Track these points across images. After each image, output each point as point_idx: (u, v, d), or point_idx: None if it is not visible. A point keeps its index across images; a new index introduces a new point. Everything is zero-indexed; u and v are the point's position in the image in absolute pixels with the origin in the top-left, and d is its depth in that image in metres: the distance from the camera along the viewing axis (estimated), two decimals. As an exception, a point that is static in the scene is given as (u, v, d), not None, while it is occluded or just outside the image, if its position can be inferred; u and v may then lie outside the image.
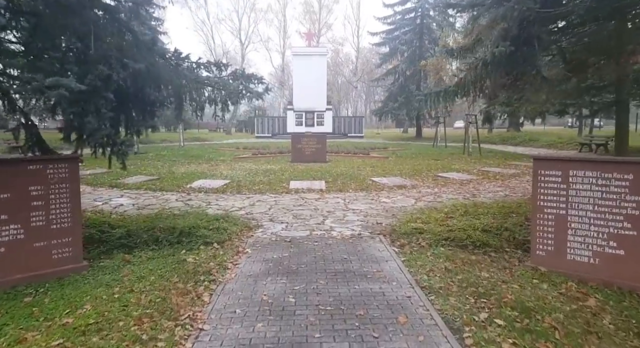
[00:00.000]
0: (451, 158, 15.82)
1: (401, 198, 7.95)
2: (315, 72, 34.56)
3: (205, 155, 17.31)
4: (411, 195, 8.34)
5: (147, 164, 14.03)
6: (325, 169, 12.25)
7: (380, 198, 8.01)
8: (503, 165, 13.36)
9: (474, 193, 8.37)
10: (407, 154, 18.02)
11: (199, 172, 11.74)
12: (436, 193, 8.51)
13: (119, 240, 4.98)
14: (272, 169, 12.50)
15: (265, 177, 10.71)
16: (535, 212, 4.19)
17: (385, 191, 8.78)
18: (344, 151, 17.97)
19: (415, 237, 5.02)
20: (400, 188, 9.07)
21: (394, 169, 12.33)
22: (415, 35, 31.51)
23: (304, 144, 14.68)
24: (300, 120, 35.44)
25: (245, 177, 10.78)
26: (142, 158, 15.85)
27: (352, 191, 8.80)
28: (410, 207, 7.10)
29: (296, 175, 11.08)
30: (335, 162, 14.39)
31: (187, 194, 8.57)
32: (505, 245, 4.78)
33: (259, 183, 9.73)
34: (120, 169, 5.30)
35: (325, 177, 10.71)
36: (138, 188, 9.14)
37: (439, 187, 9.24)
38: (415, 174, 11.24)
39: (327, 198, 8.01)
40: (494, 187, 9.19)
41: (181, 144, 22.57)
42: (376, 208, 7.10)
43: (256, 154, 17.03)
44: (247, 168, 12.74)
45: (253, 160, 15.26)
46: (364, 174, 11.32)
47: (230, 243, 4.96)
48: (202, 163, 14.48)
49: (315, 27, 58.72)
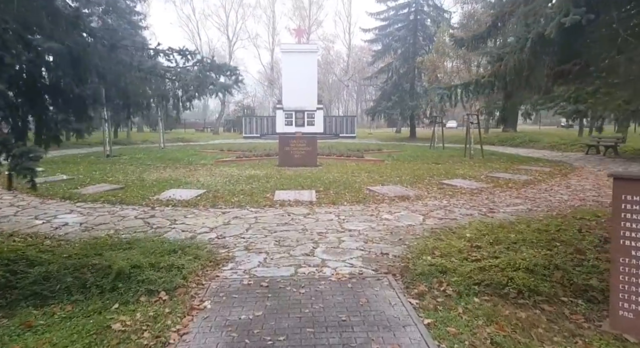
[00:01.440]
0: (452, 161, 14.61)
1: (406, 214, 6.67)
2: (305, 69, 33.24)
3: (185, 158, 15.88)
4: (417, 209, 7.07)
5: (117, 169, 12.58)
6: (316, 175, 10.93)
7: (381, 213, 6.72)
8: (511, 170, 12.16)
9: (491, 208, 7.11)
10: (404, 156, 16.78)
11: (173, 179, 10.34)
12: (446, 206, 7.24)
13: (32, 286, 3.62)
14: (256, 174, 11.15)
15: (248, 185, 9.37)
16: (617, 253, 2.93)
17: (385, 204, 7.50)
18: (336, 153, 16.67)
19: (436, 280, 3.72)
20: (402, 200, 7.80)
21: (392, 175, 11.06)
22: (409, 31, 30.30)
23: (293, 147, 13.34)
24: (290, 120, 34.09)
25: (224, 185, 9.42)
26: (113, 162, 14.38)
27: (347, 204, 7.50)
28: (419, 227, 5.82)
29: (283, 183, 9.75)
30: (326, 167, 13.08)
31: (151, 209, 7.19)
32: (561, 292, 3.51)
33: (239, 193, 8.39)
34: (75, 178, 3.93)
35: (315, 185, 9.40)
36: (95, 201, 7.72)
37: (447, 198, 7.98)
38: (416, 181, 9.98)
39: (318, 214, 6.70)
40: (511, 198, 7.95)
41: (161, 145, 21.08)
42: (378, 228, 5.80)
43: (241, 156, 15.64)
44: (228, 174, 11.38)
45: (236, 164, 13.88)
46: (360, 181, 10.03)
47: (185, 290, 3.61)
48: (180, 167, 13.07)
49: (305, 24, 57.34)
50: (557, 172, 11.60)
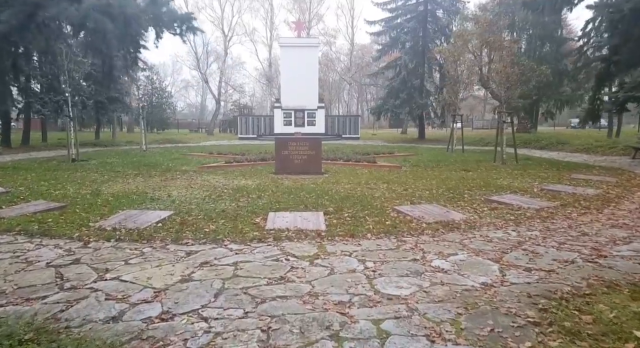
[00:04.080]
0: (484, 168, 12.27)
1: (467, 259, 4.31)
2: (306, 65, 30.93)
3: (164, 163, 13.51)
4: (479, 247, 4.71)
5: (74, 177, 10.20)
6: (322, 187, 8.59)
7: (427, 256, 4.36)
8: (566, 180, 9.80)
9: (594, 247, 4.74)
10: (423, 161, 14.43)
11: (137, 193, 7.98)
12: (520, 243, 4.88)
13: None
14: (246, 186, 8.80)
15: (233, 203, 7.04)
16: None
17: (427, 236, 5.15)
18: (342, 157, 14.33)
19: None
20: (449, 229, 5.45)
21: (419, 187, 8.72)
22: (419, 23, 27.91)
23: (292, 150, 10.99)
24: (289, 120, 31.77)
25: (201, 203, 7.08)
26: (77, 168, 11.99)
27: (372, 236, 5.16)
28: (503, 291, 3.47)
29: (279, 198, 7.40)
30: (333, 175, 10.73)
31: (83, 245, 4.83)
32: None
33: (218, 216, 6.06)
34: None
35: (323, 202, 7.06)
36: (7, 231, 5.36)
37: (513, 226, 5.64)
38: (455, 197, 7.64)
39: (332, 258, 4.35)
40: (606, 228, 5.59)
41: (143, 147, 18.68)
42: (435, 293, 3.45)
43: (231, 161, 13.27)
44: (211, 185, 9.03)
45: (224, 172, 11.52)
46: (379, 195, 7.69)
47: None
48: (155, 175, 10.70)
49: (305, 18, 54.89)
50: (626, 183, 9.26)
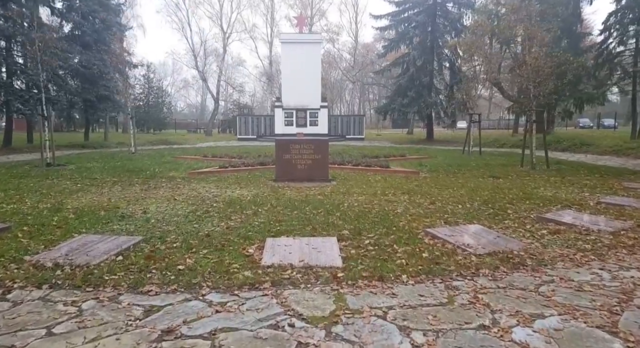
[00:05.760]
0: (515, 174, 10.79)
1: (565, 328, 2.82)
2: (308, 63, 29.46)
3: (151, 167, 12.04)
4: (570, 302, 3.23)
5: (39, 186, 8.74)
6: (331, 199, 7.12)
7: (503, 324, 2.89)
8: (621, 190, 8.29)
9: None
10: (440, 165, 12.96)
11: (107, 208, 6.52)
12: (626, 292, 3.41)
13: None
14: (240, 197, 7.34)
15: (222, 222, 5.59)
16: None
17: (486, 279, 3.68)
18: (350, 161, 12.81)
19: None
20: (513, 268, 3.98)
21: (447, 198, 7.26)
22: (429, 17, 26.41)
23: (295, 154, 9.52)
24: (291, 120, 30.29)
25: (182, 222, 5.62)
26: (47, 174, 10.53)
27: (408, 278, 3.68)
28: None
29: (280, 216, 5.93)
30: (343, 183, 9.26)
31: (1, 295, 3.38)
32: None
33: (200, 244, 4.60)
34: None
35: (334, 221, 5.59)
36: None
37: (598, 261, 4.16)
38: (497, 213, 6.16)
39: (356, 321, 2.87)
40: None
41: (131, 150, 17.21)
42: None
43: (225, 166, 11.79)
44: (199, 196, 7.57)
45: (217, 178, 10.06)
46: (402, 211, 6.22)
47: None
48: (136, 183, 9.24)
49: (307, 13, 53.35)
50: (695, 194, 7.78)
